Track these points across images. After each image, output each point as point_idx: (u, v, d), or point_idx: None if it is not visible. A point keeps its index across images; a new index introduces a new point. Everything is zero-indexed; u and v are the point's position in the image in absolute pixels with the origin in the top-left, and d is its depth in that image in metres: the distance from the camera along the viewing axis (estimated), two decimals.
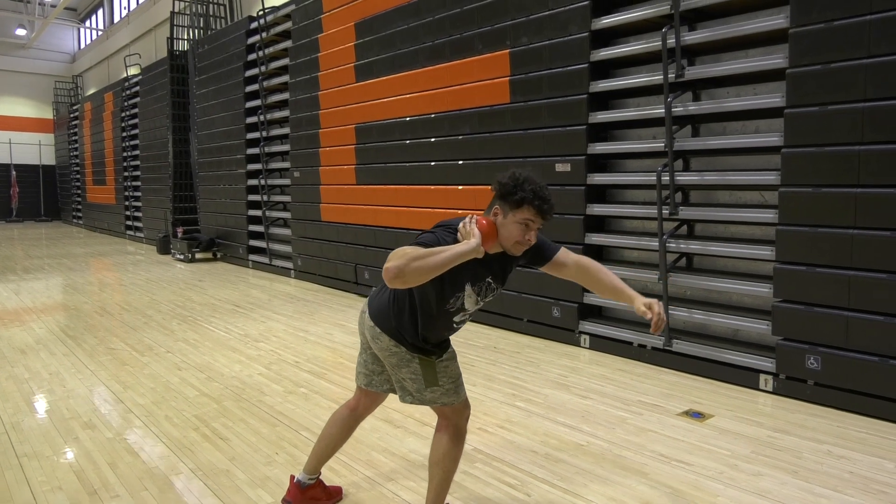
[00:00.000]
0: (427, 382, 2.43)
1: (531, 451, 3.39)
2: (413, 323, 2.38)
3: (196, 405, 4.12)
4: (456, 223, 2.28)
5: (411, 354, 2.42)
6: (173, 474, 3.12)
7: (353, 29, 8.27)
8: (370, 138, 8.05)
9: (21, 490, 2.96)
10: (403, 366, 2.44)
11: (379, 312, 2.45)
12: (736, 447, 3.44)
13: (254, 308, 7.46)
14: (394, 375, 2.51)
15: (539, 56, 5.82)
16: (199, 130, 12.64)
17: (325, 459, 2.77)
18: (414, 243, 2.16)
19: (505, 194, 2.26)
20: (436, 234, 2.25)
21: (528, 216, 2.24)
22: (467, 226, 2.20)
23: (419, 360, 2.43)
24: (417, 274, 2.04)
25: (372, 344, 2.50)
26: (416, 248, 2.08)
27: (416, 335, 2.39)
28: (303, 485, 2.73)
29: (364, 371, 2.63)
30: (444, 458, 2.43)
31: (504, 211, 2.27)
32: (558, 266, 2.51)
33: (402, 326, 2.39)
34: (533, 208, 2.23)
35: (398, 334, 2.40)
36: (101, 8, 23.11)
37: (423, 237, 2.23)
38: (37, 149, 24.84)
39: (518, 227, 2.25)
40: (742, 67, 4.58)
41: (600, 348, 5.45)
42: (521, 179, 2.25)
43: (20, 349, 5.56)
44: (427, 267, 2.05)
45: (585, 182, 5.55)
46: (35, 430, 3.70)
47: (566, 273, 2.52)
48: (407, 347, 2.41)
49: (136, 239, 16.64)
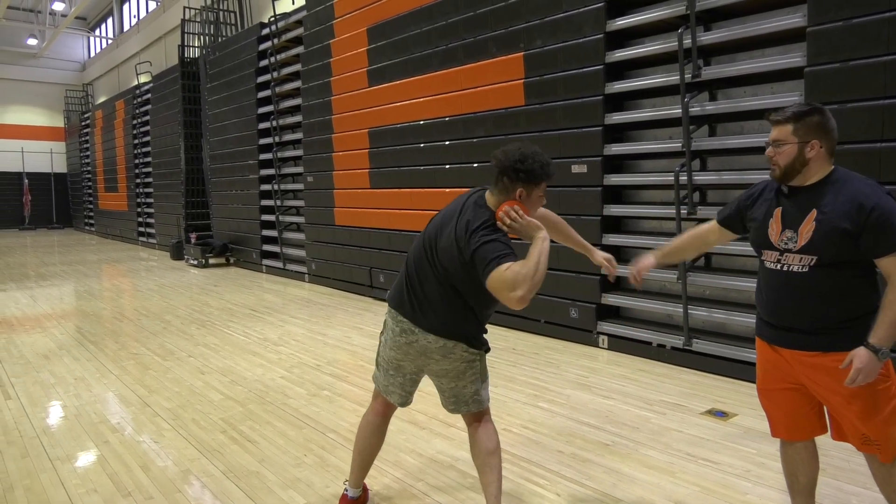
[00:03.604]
0: (483, 377, 2.53)
1: (557, 451, 3.41)
2: (476, 320, 2.45)
3: (222, 408, 4.16)
4: (485, 218, 2.29)
5: (480, 353, 2.51)
6: (205, 476, 3.16)
7: (365, 34, 8.32)
8: (384, 142, 8.09)
9: (57, 492, 3.00)
10: (468, 369, 2.49)
11: (445, 326, 2.41)
12: (762, 445, 3.44)
13: (270, 312, 7.51)
14: (452, 387, 2.52)
15: (554, 58, 5.85)
16: (212, 137, 12.73)
17: (369, 469, 2.79)
18: (498, 259, 2.15)
19: (531, 177, 2.32)
20: (499, 240, 2.23)
21: (544, 188, 2.39)
22: (519, 219, 2.26)
23: (481, 357, 2.53)
24: (535, 290, 2.13)
25: (438, 364, 2.46)
26: (518, 267, 2.11)
27: (481, 330, 2.50)
28: (355, 498, 2.76)
29: (401, 392, 2.62)
30: (498, 445, 2.53)
31: (528, 190, 2.34)
32: (545, 219, 2.67)
33: (471, 328, 2.45)
34: (547, 178, 2.36)
35: (472, 338, 2.46)
36: (110, 17, 23.30)
37: (499, 249, 2.18)
38: (48, 157, 25.05)
39: (539, 201, 2.41)
40: (759, 67, 4.59)
41: (619, 349, 5.46)
42: (530, 156, 2.32)
43: (44, 355, 5.62)
44: (540, 280, 2.13)
45: (602, 183, 5.57)
46: (66, 433, 3.75)
47: (545, 223, 2.56)
48: (478, 347, 2.48)
49: (148, 245, 16.75)
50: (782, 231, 2.20)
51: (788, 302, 2.20)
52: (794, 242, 2.16)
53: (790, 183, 2.21)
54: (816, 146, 2.14)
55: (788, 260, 2.18)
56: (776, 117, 2.21)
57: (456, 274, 2.34)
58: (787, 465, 2.40)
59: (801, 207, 2.17)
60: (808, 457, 2.35)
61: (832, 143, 2.18)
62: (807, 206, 2.15)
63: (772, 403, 2.36)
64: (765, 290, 2.30)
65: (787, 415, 2.32)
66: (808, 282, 2.14)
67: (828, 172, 2.18)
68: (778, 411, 2.35)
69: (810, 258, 2.13)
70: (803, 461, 2.36)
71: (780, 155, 2.18)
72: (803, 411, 2.29)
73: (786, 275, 2.19)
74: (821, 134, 2.15)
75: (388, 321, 2.57)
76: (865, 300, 2.14)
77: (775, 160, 2.20)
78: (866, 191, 2.08)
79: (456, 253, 2.30)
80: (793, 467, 2.38)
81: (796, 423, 2.32)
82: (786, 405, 2.31)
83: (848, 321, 2.13)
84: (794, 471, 2.38)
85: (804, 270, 2.14)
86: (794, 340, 2.22)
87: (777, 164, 2.19)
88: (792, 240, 2.16)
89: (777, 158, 2.19)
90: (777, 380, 2.31)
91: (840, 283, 2.12)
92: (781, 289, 2.22)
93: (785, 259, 2.19)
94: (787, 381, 2.28)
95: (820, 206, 2.13)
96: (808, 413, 2.29)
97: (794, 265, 2.17)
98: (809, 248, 2.12)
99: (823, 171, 2.17)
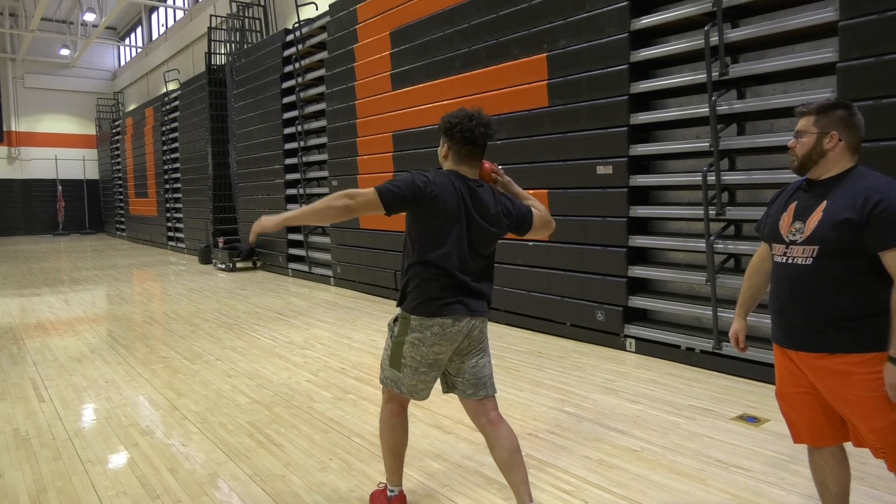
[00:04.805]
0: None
1: (584, 457, 3.37)
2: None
3: (248, 412, 4.20)
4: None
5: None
6: (232, 479, 3.18)
7: (388, 38, 8.35)
8: (407, 146, 8.10)
9: (88, 494, 3.05)
10: (485, 338, 2.65)
11: (489, 299, 2.60)
12: (795, 452, 3.35)
13: (296, 315, 7.56)
14: (473, 364, 2.58)
15: (577, 58, 5.80)
16: (238, 142, 12.89)
17: (403, 463, 2.83)
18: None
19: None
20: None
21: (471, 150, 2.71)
22: (502, 176, 2.75)
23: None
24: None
25: (474, 342, 2.58)
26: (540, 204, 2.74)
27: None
28: (397, 495, 2.81)
29: (427, 388, 2.63)
30: (518, 442, 2.58)
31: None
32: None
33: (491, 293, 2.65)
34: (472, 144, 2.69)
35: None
36: (139, 26, 23.78)
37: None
38: (81, 164, 25.64)
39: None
40: (789, 63, 4.49)
41: (647, 352, 5.38)
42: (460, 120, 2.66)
43: (76, 358, 5.73)
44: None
45: (628, 184, 5.50)
46: (96, 436, 3.81)
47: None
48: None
49: (177, 249, 17.02)
50: (792, 223, 2.18)
51: (793, 296, 2.16)
52: (800, 234, 2.14)
53: (807, 175, 2.21)
54: (835, 138, 2.13)
55: (794, 252, 2.16)
56: (802, 109, 2.23)
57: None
58: (816, 472, 2.34)
59: (814, 200, 2.16)
60: (836, 463, 2.28)
61: (855, 140, 2.14)
62: (819, 199, 2.14)
63: (791, 408, 2.30)
64: (772, 285, 2.28)
65: (808, 420, 2.26)
66: (812, 274, 2.11)
67: (847, 168, 2.15)
68: (798, 417, 2.28)
69: (812, 248, 2.10)
70: (831, 468, 2.28)
71: (800, 145, 2.19)
72: (822, 416, 2.22)
73: (791, 267, 2.16)
74: (842, 127, 2.13)
75: (432, 321, 2.49)
76: (873, 299, 2.06)
77: (794, 151, 2.21)
78: (879, 185, 2.04)
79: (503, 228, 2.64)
80: (821, 475, 2.31)
81: (817, 428, 2.25)
82: (805, 410, 2.25)
83: (852, 319, 2.07)
84: (823, 478, 2.31)
85: (808, 262, 2.11)
86: (799, 340, 2.17)
87: (795, 154, 2.20)
88: (799, 231, 2.15)
89: (796, 149, 2.20)
90: (793, 384, 2.26)
91: (845, 277, 2.07)
92: (786, 282, 2.19)
93: (790, 251, 2.17)
94: (801, 385, 2.23)
95: (831, 198, 2.10)
96: (828, 418, 2.22)
97: (799, 257, 2.14)
98: (812, 237, 2.10)
99: (842, 166, 2.15)
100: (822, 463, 2.30)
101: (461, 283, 2.49)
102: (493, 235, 2.58)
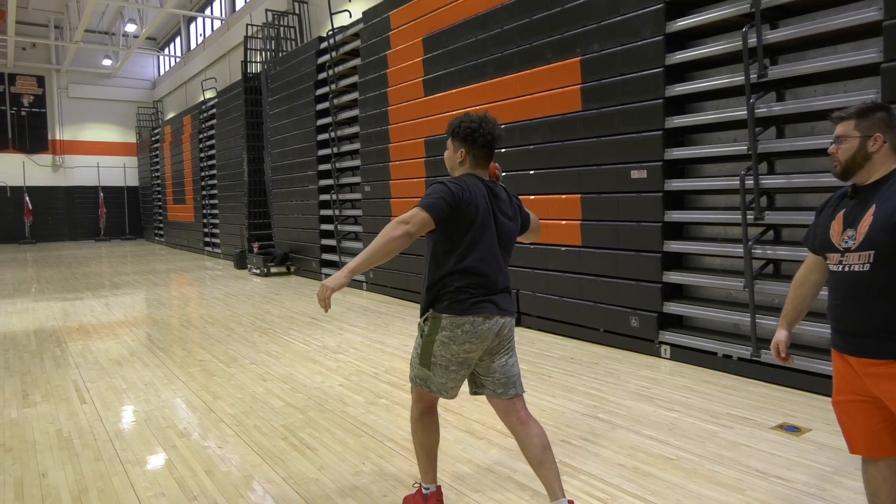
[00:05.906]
0: None
1: (618, 465, 3.32)
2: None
3: (282, 415, 4.24)
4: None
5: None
6: (266, 482, 3.22)
7: (420, 44, 8.40)
8: (439, 151, 8.08)
9: (127, 495, 3.11)
10: (513, 336, 2.70)
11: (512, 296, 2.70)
12: (837, 463, 3.26)
13: (329, 320, 7.63)
14: (503, 364, 2.62)
15: (611, 62, 5.75)
16: (273, 149, 13.09)
17: (437, 461, 2.85)
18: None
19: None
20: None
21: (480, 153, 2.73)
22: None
23: None
24: None
25: (504, 340, 2.62)
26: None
27: None
28: (433, 492, 2.82)
29: (455, 386, 2.66)
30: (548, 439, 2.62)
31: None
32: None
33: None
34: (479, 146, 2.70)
35: None
36: (178, 36, 24.35)
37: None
38: (121, 171, 26.34)
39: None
40: (831, 64, 4.38)
41: (682, 359, 5.29)
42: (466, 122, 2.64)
43: (116, 361, 5.87)
44: None
45: (662, 188, 5.42)
46: (136, 438, 3.89)
47: None
48: None
49: (213, 255, 17.34)
50: (843, 231, 2.14)
51: (851, 304, 2.12)
52: (853, 241, 2.10)
53: (852, 181, 2.17)
54: (880, 140, 2.10)
55: (849, 260, 2.12)
56: (839, 114, 2.19)
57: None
58: (869, 484, 2.26)
59: (862, 205, 2.12)
60: (890, 475, 2.21)
61: None
62: (868, 203, 2.10)
63: (847, 417, 2.23)
64: (830, 294, 2.23)
65: (864, 430, 2.19)
66: (870, 280, 2.06)
67: (893, 169, 2.10)
68: (854, 426, 2.22)
69: (868, 254, 2.06)
70: (885, 480, 2.21)
71: (841, 150, 2.15)
72: (882, 426, 2.15)
73: (848, 275, 2.12)
74: (885, 129, 2.11)
75: (463, 320, 2.51)
76: None
77: (836, 156, 2.17)
78: None
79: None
80: (875, 487, 2.24)
81: (875, 438, 2.18)
82: (862, 419, 2.18)
83: None
84: (876, 490, 2.23)
85: (865, 269, 2.07)
86: (860, 347, 2.11)
87: (838, 160, 2.17)
88: (852, 238, 2.10)
89: (838, 154, 2.17)
90: (851, 391, 2.19)
91: None
92: (844, 290, 2.14)
93: (846, 259, 2.13)
94: (859, 392, 2.16)
95: (879, 201, 2.06)
96: (887, 428, 2.15)
97: (855, 264, 2.10)
98: (866, 242, 2.06)
99: (887, 168, 2.11)
100: (876, 474, 2.23)
101: (493, 283, 2.56)
102: (516, 232, 2.72)
